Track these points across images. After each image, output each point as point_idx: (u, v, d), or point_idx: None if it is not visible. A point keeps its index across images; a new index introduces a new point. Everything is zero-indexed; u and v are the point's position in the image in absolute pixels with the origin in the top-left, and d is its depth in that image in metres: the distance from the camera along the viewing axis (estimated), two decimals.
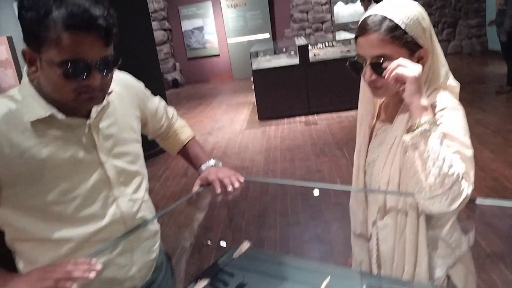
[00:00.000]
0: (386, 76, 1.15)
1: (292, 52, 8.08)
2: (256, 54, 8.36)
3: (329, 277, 1.14)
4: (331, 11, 11.71)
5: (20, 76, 5.28)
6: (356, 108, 1.43)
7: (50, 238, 1.12)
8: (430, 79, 1.23)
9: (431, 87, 1.23)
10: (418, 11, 1.18)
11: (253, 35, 12.01)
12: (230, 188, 1.38)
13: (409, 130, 1.12)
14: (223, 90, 11.25)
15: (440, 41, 1.48)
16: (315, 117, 7.14)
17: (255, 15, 12.01)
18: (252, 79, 7.43)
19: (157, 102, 1.52)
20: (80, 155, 1.14)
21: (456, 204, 1.08)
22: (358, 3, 10.98)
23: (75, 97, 1.06)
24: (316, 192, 2.37)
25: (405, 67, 1.11)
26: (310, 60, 7.16)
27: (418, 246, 1.24)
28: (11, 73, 5.21)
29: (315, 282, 1.20)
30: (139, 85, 1.43)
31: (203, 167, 1.53)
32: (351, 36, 7.85)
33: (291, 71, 7.20)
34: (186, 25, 12.60)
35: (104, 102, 1.17)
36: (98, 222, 1.17)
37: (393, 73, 1.12)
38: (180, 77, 12.88)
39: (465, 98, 6.27)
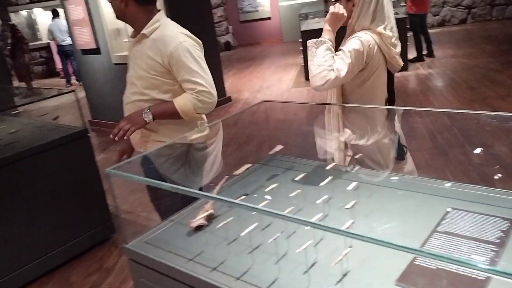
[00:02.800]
0: None
1: None
2: (306, 16, 8.63)
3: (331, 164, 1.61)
4: None
5: (94, 34, 5.96)
6: (403, 70, 1.93)
7: None
8: (359, 21, 1.88)
9: (360, 26, 1.89)
10: None
11: None
12: (114, 138, 1.96)
13: None
14: (273, 52, 11.62)
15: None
16: None
17: None
18: (300, 40, 7.77)
19: (182, 74, 1.95)
20: (128, 58, 2.10)
21: (322, 83, 1.76)
22: None
23: None
24: None
25: (333, 7, 1.86)
26: None
27: None
28: (87, 31, 5.86)
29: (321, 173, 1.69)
30: (169, 48, 1.93)
31: None
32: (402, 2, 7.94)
33: (339, 33, 7.44)
34: None
35: (141, 35, 2.01)
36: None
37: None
38: (232, 39, 13.34)
39: None
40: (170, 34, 1.95)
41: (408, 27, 7.37)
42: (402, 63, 1.96)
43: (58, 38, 10.35)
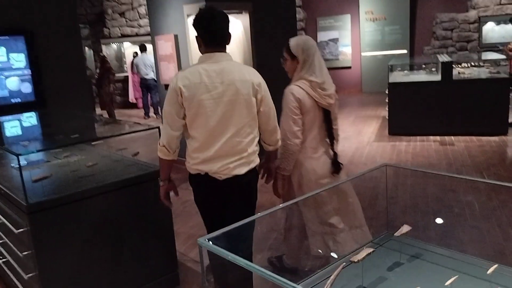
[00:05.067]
0: None
1: (433, 69, 7.76)
2: (391, 68, 8.19)
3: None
4: (479, 30, 10.97)
5: (179, 70, 5.93)
6: (502, 134, 1.47)
7: None
8: (299, 73, 2.59)
9: (298, 76, 2.60)
10: (305, 42, 2.57)
11: (389, 50, 11.77)
12: None
13: None
14: (352, 102, 11.21)
15: None
16: (452, 138, 6.75)
17: (394, 30, 11.77)
18: (387, 92, 7.32)
19: None
20: None
21: None
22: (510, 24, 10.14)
23: None
24: None
25: None
26: (454, 78, 6.82)
27: None
28: (173, 66, 5.85)
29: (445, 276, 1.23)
30: None
31: None
32: (501, 57, 7.30)
33: (430, 87, 6.93)
34: (322, 36, 12.84)
35: None
36: None
37: None
38: None
39: None
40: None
41: (511, 88, 6.67)
42: (331, 101, 2.61)
43: (142, 71, 10.72)
